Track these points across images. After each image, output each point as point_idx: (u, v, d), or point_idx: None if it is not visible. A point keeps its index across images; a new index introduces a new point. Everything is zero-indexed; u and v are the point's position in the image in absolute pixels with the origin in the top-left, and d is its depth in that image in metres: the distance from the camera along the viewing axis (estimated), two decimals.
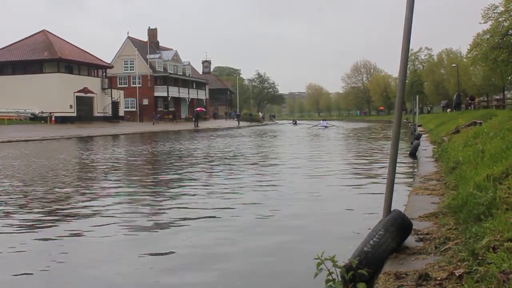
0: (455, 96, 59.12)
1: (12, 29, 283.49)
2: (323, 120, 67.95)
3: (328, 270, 3.78)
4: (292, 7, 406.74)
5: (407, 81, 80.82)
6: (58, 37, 66.40)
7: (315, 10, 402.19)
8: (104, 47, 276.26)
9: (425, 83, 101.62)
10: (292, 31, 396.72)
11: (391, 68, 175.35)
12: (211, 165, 16.38)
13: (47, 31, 65.98)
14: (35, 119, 56.63)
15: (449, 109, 56.46)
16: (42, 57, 60.34)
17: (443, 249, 4.20)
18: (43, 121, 55.74)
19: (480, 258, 3.60)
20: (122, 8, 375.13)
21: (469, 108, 45.15)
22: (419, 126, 30.48)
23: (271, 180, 11.94)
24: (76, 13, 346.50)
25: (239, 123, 76.06)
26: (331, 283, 3.78)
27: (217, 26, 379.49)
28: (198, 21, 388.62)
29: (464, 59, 77.42)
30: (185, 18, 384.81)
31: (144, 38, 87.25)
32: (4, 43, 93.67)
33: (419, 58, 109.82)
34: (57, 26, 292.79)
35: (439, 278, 3.54)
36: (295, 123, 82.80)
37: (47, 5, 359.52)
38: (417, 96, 29.34)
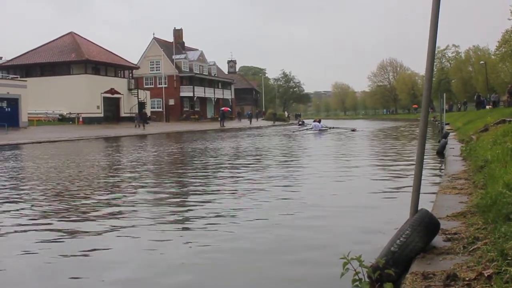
0: (475, 96, 58.93)
1: (24, 37, 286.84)
2: (315, 121, 47.74)
3: (355, 270, 3.76)
4: (316, 7, 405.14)
5: (434, 79, 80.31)
6: (85, 38, 67.25)
7: (340, 8, 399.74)
8: (124, 49, 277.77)
9: (453, 81, 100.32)
10: (317, 30, 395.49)
11: (418, 66, 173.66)
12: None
13: (74, 33, 66.89)
14: (63, 120, 57.48)
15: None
16: (70, 58, 61.18)
17: (472, 249, 4.15)
18: (71, 122, 56.52)
19: (509, 258, 3.55)
20: (145, 10, 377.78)
21: None
22: (447, 124, 30.17)
23: (291, 180, 11.93)
24: (90, 19, 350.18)
25: (250, 123, 74.67)
26: (357, 283, 3.76)
27: (242, 26, 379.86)
28: (223, 21, 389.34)
29: (493, 56, 76.42)
30: (210, 18, 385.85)
31: (170, 39, 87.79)
32: (15, 52, 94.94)
33: (446, 55, 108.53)
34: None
35: (467, 279, 3.50)
36: (302, 124, 62.41)
37: (54, 12, 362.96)
38: (444, 94, 29.02)
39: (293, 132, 43.22)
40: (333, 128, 44.70)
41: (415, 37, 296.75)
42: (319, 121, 45.87)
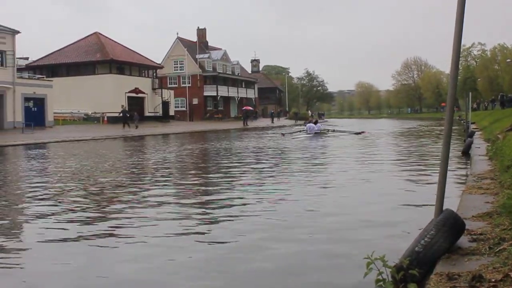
0: (499, 96, 58.71)
1: (45, 37, 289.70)
2: (310, 122, 37.38)
3: (378, 270, 3.73)
4: (339, 5, 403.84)
5: (459, 77, 79.47)
6: (109, 39, 67.89)
7: (363, 6, 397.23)
8: (144, 49, 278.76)
9: (478, 79, 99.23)
10: (341, 29, 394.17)
11: (443, 64, 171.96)
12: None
13: (99, 33, 67.59)
14: (88, 119, 58.10)
15: None
16: (95, 58, 61.87)
17: (498, 250, 4.10)
18: (96, 121, 57.09)
19: None
20: (166, 10, 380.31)
21: None
22: (473, 123, 29.82)
23: (317, 177, 11.89)
24: (109, 19, 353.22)
25: (272, 121, 75.03)
26: (381, 283, 3.73)
27: (265, 26, 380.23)
28: (246, 20, 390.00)
29: None
30: (233, 17, 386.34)
31: (193, 38, 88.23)
32: (36, 52, 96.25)
33: (472, 53, 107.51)
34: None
35: (493, 280, 3.45)
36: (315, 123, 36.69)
37: (73, 13, 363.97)
38: (470, 93, 28.71)
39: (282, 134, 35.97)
40: (334, 131, 35.71)
41: (440, 35, 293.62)
42: (315, 123, 36.39)
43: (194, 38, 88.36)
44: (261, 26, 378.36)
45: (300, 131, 36.40)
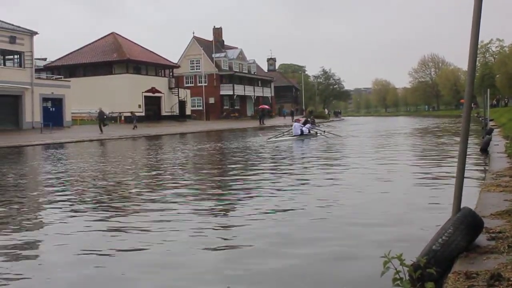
0: None
1: (59, 38, 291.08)
2: (296, 121, 31.07)
3: (395, 269, 3.71)
4: (355, 2, 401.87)
5: (477, 74, 78.67)
6: (126, 39, 68.23)
7: (379, 3, 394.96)
8: (157, 48, 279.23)
9: (497, 76, 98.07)
10: (356, 26, 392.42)
11: (461, 61, 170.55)
12: None
13: (116, 34, 67.97)
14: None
15: None
16: (112, 58, 62.22)
17: None
18: (113, 121, 57.38)
19: None
20: (180, 9, 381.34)
21: None
22: (491, 120, 29.54)
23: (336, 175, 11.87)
24: (122, 19, 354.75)
25: (293, 120, 74.39)
26: (398, 282, 3.71)
27: (280, 24, 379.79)
28: (261, 19, 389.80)
29: None
30: (249, 16, 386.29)
31: (209, 37, 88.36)
32: (49, 52, 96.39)
33: (490, 50, 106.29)
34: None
35: None
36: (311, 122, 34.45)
37: (87, 13, 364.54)
38: (488, 90, 28.38)
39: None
40: (324, 132, 30.51)
41: (457, 31, 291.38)
42: (305, 123, 30.31)
43: (210, 37, 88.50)
44: (276, 25, 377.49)
45: (283, 134, 30.21)
